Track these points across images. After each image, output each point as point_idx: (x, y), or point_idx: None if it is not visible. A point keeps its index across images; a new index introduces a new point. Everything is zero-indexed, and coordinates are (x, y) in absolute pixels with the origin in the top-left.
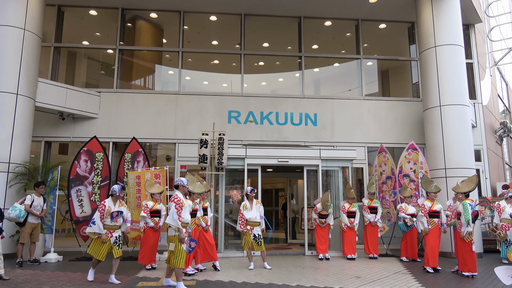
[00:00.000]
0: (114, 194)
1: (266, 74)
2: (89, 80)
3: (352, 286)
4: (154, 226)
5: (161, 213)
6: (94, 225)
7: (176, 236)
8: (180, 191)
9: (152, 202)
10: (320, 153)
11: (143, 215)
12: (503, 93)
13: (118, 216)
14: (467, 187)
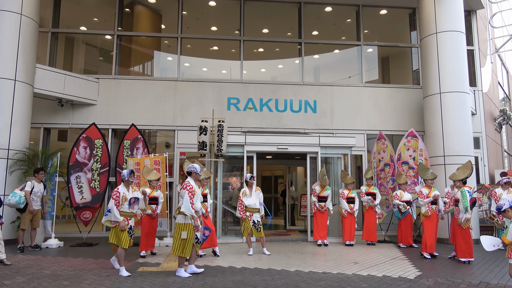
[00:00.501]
0: (124, 180)
1: (266, 60)
2: (88, 67)
3: (350, 271)
4: (151, 214)
5: (159, 200)
6: (110, 213)
7: (188, 224)
8: (192, 178)
9: (149, 189)
10: (320, 140)
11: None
12: (503, 80)
13: (135, 202)
14: (463, 174)
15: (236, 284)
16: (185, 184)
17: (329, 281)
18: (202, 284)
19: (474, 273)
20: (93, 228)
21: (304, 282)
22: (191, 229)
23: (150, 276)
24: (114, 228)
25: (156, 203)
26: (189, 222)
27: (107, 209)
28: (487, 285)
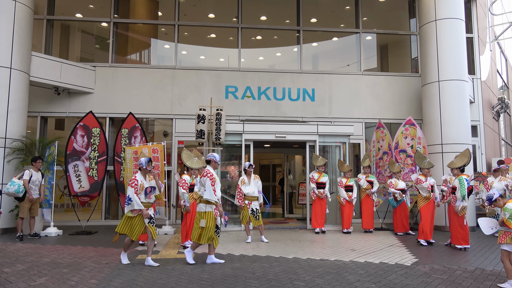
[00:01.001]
0: (142, 168)
1: (264, 48)
2: (84, 55)
3: (348, 258)
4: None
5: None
6: (131, 201)
7: (208, 212)
8: (211, 166)
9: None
10: (318, 129)
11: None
12: (502, 68)
13: (152, 192)
14: (461, 162)
15: (234, 271)
16: (205, 172)
17: (327, 268)
18: (201, 271)
19: (469, 260)
20: (92, 216)
21: (302, 269)
22: (211, 218)
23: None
24: (128, 218)
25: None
26: (209, 210)
27: (127, 197)
28: (482, 271)
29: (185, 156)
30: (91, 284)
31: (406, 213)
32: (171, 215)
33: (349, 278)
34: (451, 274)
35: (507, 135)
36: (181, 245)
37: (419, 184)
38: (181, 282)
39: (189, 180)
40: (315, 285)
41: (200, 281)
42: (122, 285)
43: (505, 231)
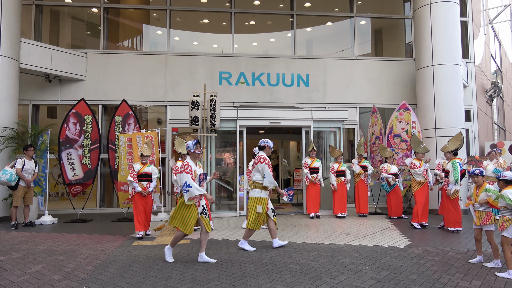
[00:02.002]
0: (190, 152)
1: (258, 34)
2: (75, 41)
3: (342, 242)
4: (141, 191)
5: (152, 177)
6: (190, 188)
7: (263, 198)
8: (265, 152)
9: (139, 165)
10: (312, 114)
11: (129, 179)
12: (496, 52)
13: (204, 179)
14: (454, 145)
15: (230, 256)
16: (261, 158)
17: (321, 251)
18: (197, 256)
19: (462, 242)
20: (87, 204)
21: (297, 252)
22: (265, 203)
23: (145, 250)
24: (182, 209)
25: (149, 179)
26: (264, 196)
27: (183, 185)
28: (474, 252)
29: (177, 144)
30: (87, 270)
31: (399, 197)
32: (166, 202)
33: (343, 261)
34: (443, 255)
35: (499, 119)
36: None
37: (413, 169)
38: (177, 267)
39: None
40: (310, 268)
41: (196, 266)
42: (118, 271)
43: (487, 211)
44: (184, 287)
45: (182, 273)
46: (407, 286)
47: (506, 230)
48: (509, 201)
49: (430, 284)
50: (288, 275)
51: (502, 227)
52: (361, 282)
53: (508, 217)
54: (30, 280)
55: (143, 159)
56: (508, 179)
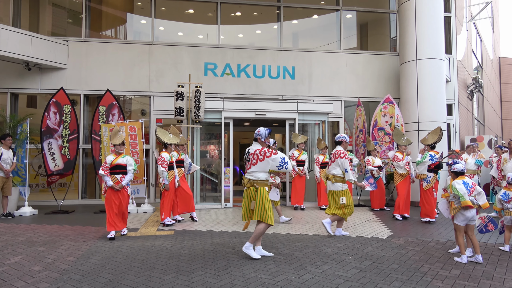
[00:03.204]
0: (260, 140)
1: (244, 25)
2: (55, 29)
3: (326, 233)
4: (113, 186)
5: (127, 168)
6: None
7: (346, 190)
8: (342, 147)
9: (113, 156)
10: (298, 107)
11: (100, 173)
12: (477, 49)
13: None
14: (432, 139)
15: (214, 246)
16: (341, 153)
17: (305, 242)
18: (180, 247)
19: (442, 233)
20: (69, 196)
21: (281, 243)
22: (349, 195)
23: (128, 241)
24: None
25: (124, 171)
26: (346, 188)
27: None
28: (454, 243)
29: (160, 133)
30: (69, 261)
31: (382, 189)
32: (150, 193)
33: (327, 251)
34: (424, 246)
35: (479, 114)
36: (160, 223)
37: (395, 161)
38: (161, 258)
39: (168, 158)
40: (293, 258)
41: (180, 256)
42: (101, 261)
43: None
44: (168, 277)
45: (166, 263)
46: (388, 275)
47: (455, 218)
48: (455, 191)
49: (411, 273)
50: (273, 265)
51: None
52: (344, 272)
53: (455, 205)
54: (9, 271)
55: (118, 148)
56: (457, 171)
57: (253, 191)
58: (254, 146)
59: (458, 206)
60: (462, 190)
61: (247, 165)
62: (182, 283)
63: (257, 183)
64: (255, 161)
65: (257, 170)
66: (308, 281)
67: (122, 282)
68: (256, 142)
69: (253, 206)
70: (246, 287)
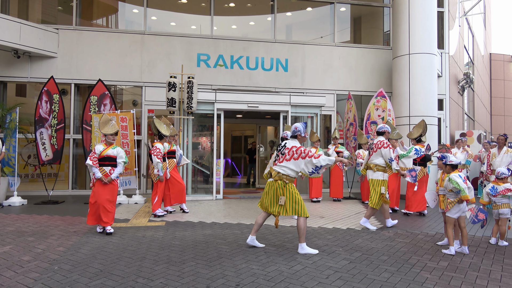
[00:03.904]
0: (300, 136)
1: (237, 16)
2: (45, 17)
3: (317, 225)
4: (102, 178)
5: (117, 161)
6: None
7: (386, 180)
8: (385, 137)
9: (102, 146)
10: (290, 99)
11: (88, 163)
12: (469, 44)
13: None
14: (417, 133)
15: (206, 237)
16: (385, 143)
17: (296, 234)
18: (171, 238)
19: (431, 225)
20: (59, 186)
21: (272, 234)
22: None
23: (119, 231)
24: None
25: (114, 163)
26: (386, 178)
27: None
28: (442, 235)
29: (157, 124)
30: (59, 251)
31: None
32: (142, 184)
33: (318, 243)
34: (413, 238)
35: (469, 110)
36: (151, 214)
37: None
38: (152, 248)
39: (163, 149)
40: (284, 250)
41: (171, 247)
42: (91, 252)
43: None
44: (159, 267)
45: (157, 254)
46: (378, 267)
47: (450, 211)
48: (456, 184)
49: (400, 265)
50: (264, 256)
51: (447, 208)
52: (335, 263)
53: (451, 199)
54: None
55: (110, 138)
56: (454, 163)
57: (281, 186)
58: (292, 142)
59: (455, 199)
60: (463, 184)
61: (280, 158)
62: (173, 273)
63: (287, 179)
64: (289, 157)
65: (289, 167)
66: (298, 272)
67: (113, 272)
68: (295, 139)
69: (282, 201)
70: (237, 277)
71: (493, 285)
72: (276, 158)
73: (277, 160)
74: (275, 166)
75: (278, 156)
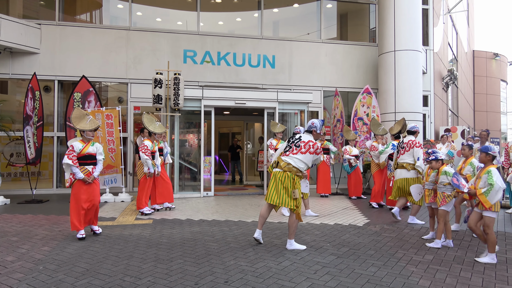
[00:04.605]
0: (315, 132)
1: (224, 13)
2: (27, 12)
3: (304, 221)
4: (85, 179)
5: (97, 158)
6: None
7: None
8: (415, 136)
9: (81, 143)
10: (278, 96)
11: (66, 162)
12: (453, 41)
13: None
14: (396, 129)
15: (194, 235)
16: (416, 143)
17: (284, 230)
18: (159, 236)
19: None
20: (44, 185)
21: None
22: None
23: (105, 230)
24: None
25: (94, 162)
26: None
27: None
28: (427, 229)
29: (146, 121)
30: (44, 251)
31: (359, 178)
32: (128, 182)
33: (305, 239)
34: (399, 232)
35: (453, 106)
36: (138, 211)
37: (373, 151)
38: (139, 246)
39: (151, 146)
40: (272, 246)
41: (159, 245)
42: (77, 251)
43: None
44: (147, 265)
45: (145, 252)
46: (365, 261)
47: (446, 205)
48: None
49: (386, 259)
50: (252, 253)
51: (443, 202)
52: (322, 258)
53: (447, 193)
54: None
55: (89, 135)
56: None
57: (291, 177)
58: (308, 136)
59: (452, 193)
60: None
61: (294, 149)
62: (161, 271)
63: (296, 172)
64: (305, 150)
65: (303, 160)
66: (287, 268)
67: (100, 271)
68: (310, 133)
69: (297, 194)
70: (226, 274)
71: (476, 277)
72: (288, 149)
73: (290, 151)
74: (286, 157)
75: (290, 148)
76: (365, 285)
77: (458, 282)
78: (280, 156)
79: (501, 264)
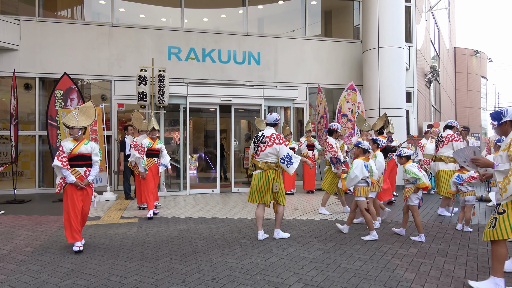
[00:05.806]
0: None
1: (208, 9)
2: (5, 7)
3: (291, 217)
4: (77, 183)
5: (93, 159)
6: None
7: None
8: (453, 131)
9: (71, 142)
10: (263, 93)
11: (56, 164)
12: (435, 38)
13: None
14: (379, 125)
15: (180, 233)
16: (456, 136)
17: (271, 226)
18: (145, 234)
19: (400, 214)
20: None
21: (247, 228)
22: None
23: (90, 229)
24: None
25: (88, 163)
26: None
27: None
28: (412, 223)
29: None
30: (26, 252)
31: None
32: (113, 181)
33: (292, 234)
34: (384, 227)
35: (436, 102)
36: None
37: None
38: (125, 245)
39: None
40: (259, 242)
41: (145, 243)
42: (61, 251)
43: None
44: (133, 264)
45: (130, 251)
46: (351, 255)
47: (410, 199)
48: (413, 174)
49: (372, 253)
50: (239, 249)
51: (405, 197)
52: (309, 253)
53: (408, 188)
54: None
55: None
56: (409, 155)
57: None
58: (269, 130)
59: (411, 188)
60: (419, 173)
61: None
62: (148, 270)
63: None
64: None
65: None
66: (274, 264)
67: (84, 271)
68: (272, 127)
69: (277, 188)
70: (213, 271)
71: (459, 269)
72: (257, 150)
73: (259, 151)
74: (258, 158)
75: (259, 147)
76: (352, 279)
77: (442, 274)
78: (253, 159)
79: (483, 256)
